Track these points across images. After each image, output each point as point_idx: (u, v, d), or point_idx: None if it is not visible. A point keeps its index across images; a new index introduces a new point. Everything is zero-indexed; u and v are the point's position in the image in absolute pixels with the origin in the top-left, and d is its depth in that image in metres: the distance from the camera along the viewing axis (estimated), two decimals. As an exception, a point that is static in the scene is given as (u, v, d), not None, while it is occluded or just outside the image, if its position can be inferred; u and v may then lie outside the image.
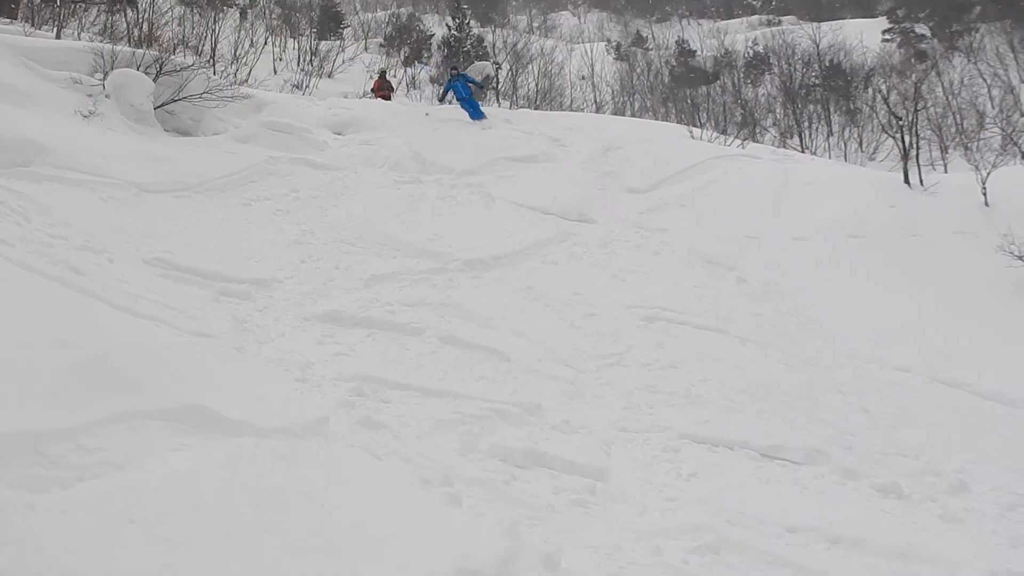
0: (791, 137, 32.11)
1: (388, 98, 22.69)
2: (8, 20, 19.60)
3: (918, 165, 14.74)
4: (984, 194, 13.09)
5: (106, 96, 13.91)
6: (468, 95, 18.58)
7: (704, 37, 53.16)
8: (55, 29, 19.14)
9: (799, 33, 43.77)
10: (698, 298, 11.33)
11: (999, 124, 26.63)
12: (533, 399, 8.12)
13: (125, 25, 19.68)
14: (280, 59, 27.84)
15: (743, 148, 18.94)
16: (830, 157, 27.85)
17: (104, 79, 14.17)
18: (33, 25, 19.43)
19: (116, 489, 4.08)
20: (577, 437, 7.64)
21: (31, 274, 7.06)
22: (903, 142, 15.44)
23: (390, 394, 7.75)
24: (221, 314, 8.64)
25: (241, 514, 4.24)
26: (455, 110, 18.91)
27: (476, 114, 18.32)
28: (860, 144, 30.75)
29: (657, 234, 13.19)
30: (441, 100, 19.80)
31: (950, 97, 29.16)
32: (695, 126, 21.88)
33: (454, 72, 19.76)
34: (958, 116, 27.72)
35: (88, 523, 3.65)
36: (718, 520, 6.40)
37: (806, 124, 33.39)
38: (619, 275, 11.87)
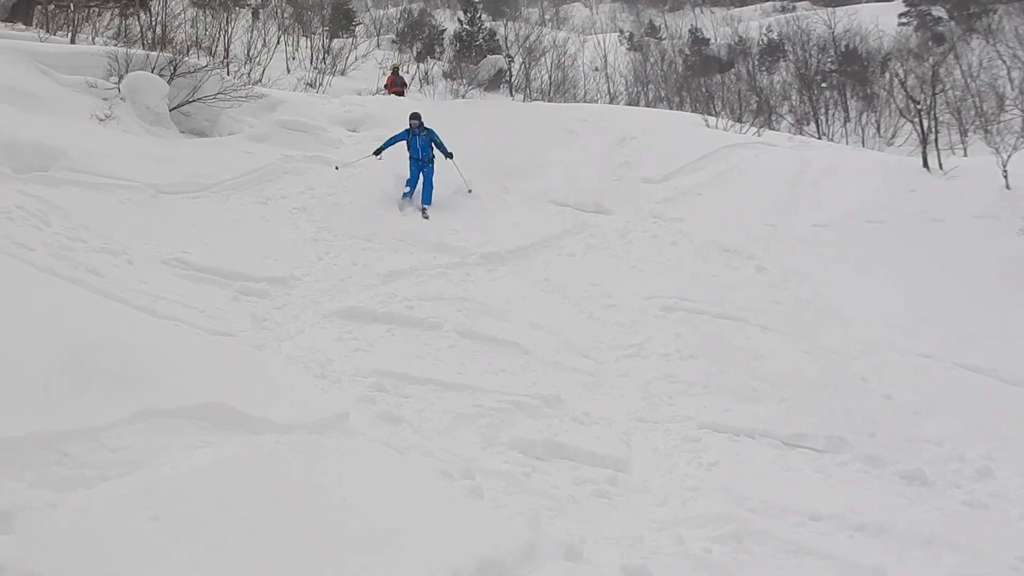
0: (807, 124, 31.88)
1: (402, 94, 22.72)
2: (23, 26, 19.72)
3: (937, 149, 14.59)
4: (1005, 177, 12.95)
5: (121, 99, 13.97)
6: (425, 158, 13.68)
7: (717, 25, 52.86)
8: (69, 34, 19.22)
9: (814, 19, 43.44)
10: (716, 287, 11.26)
11: (1019, 106, 26.38)
12: (552, 391, 8.11)
13: (138, 28, 19.78)
14: (293, 58, 27.90)
15: (759, 136, 18.83)
16: (847, 143, 27.66)
17: (119, 82, 14.23)
18: (48, 31, 19.52)
19: (139, 487, 4.12)
20: (597, 428, 7.63)
21: (52, 277, 7.11)
22: (921, 126, 15.30)
23: (410, 389, 7.77)
24: (240, 313, 8.68)
25: (262, 509, 4.26)
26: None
27: (424, 195, 13.45)
28: (878, 129, 30.53)
29: (674, 224, 13.13)
30: (378, 152, 13.90)
31: (969, 80, 28.89)
32: (710, 115, 21.75)
33: (414, 122, 13.91)
34: (977, 99, 27.44)
35: (111, 521, 3.69)
36: (740, 509, 6.39)
37: (822, 110, 33.16)
38: (637, 265, 11.83)
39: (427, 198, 13.39)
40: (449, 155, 13.68)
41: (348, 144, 15.63)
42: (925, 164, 14.38)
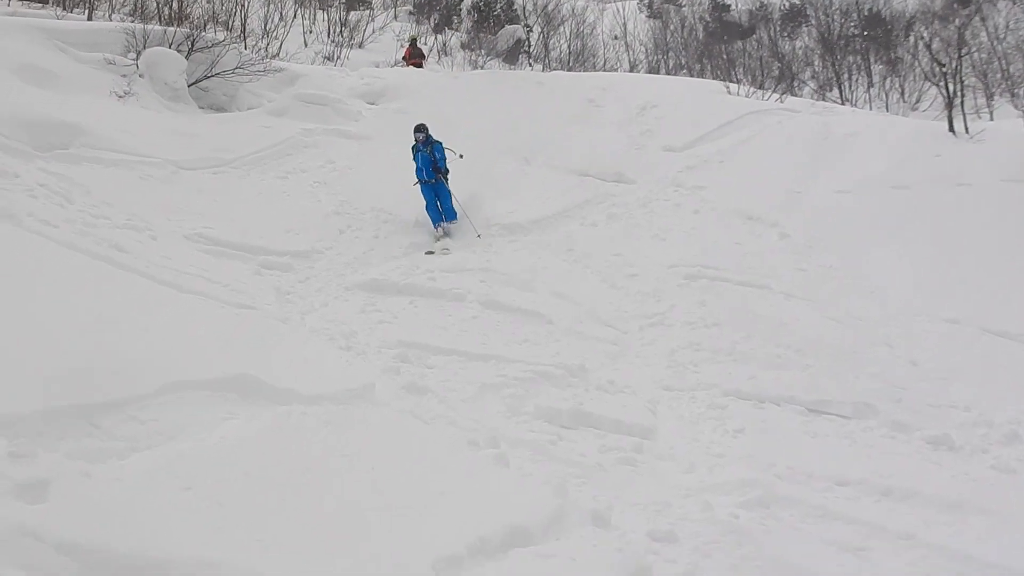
0: (830, 89, 31.47)
1: (420, 65, 22.56)
2: (40, 4, 19.74)
3: (963, 113, 14.38)
4: (1032, 139, 12.78)
5: (140, 76, 13.98)
6: (430, 176, 11.81)
7: (738, -9, 52.21)
8: (86, 11, 19.21)
9: (836, -18, 42.88)
10: (740, 255, 11.19)
11: (1046, 68, 25.91)
12: (576, 360, 8.12)
13: (155, 4, 19.74)
14: (310, 31, 27.75)
15: (781, 102, 18.58)
16: (871, 108, 27.32)
17: (137, 59, 14.25)
18: (64, 8, 19.53)
19: (169, 458, 4.16)
20: (622, 397, 7.64)
21: (76, 254, 7.17)
22: (947, 90, 15.07)
23: (434, 359, 7.80)
24: (264, 286, 8.74)
25: (291, 479, 4.30)
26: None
27: (447, 212, 11.85)
28: (902, 94, 30.08)
29: (696, 192, 13.03)
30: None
31: (995, 42, 28.38)
32: (732, 82, 21.49)
33: (419, 135, 12.01)
34: (1004, 61, 26.96)
35: (144, 491, 3.72)
36: (767, 475, 6.39)
37: (845, 76, 32.74)
38: (659, 234, 11.77)
39: (450, 211, 11.78)
40: (445, 170, 11.86)
41: (368, 117, 15.60)
42: (951, 128, 14.18)
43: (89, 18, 18.50)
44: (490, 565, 4.07)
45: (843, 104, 26.51)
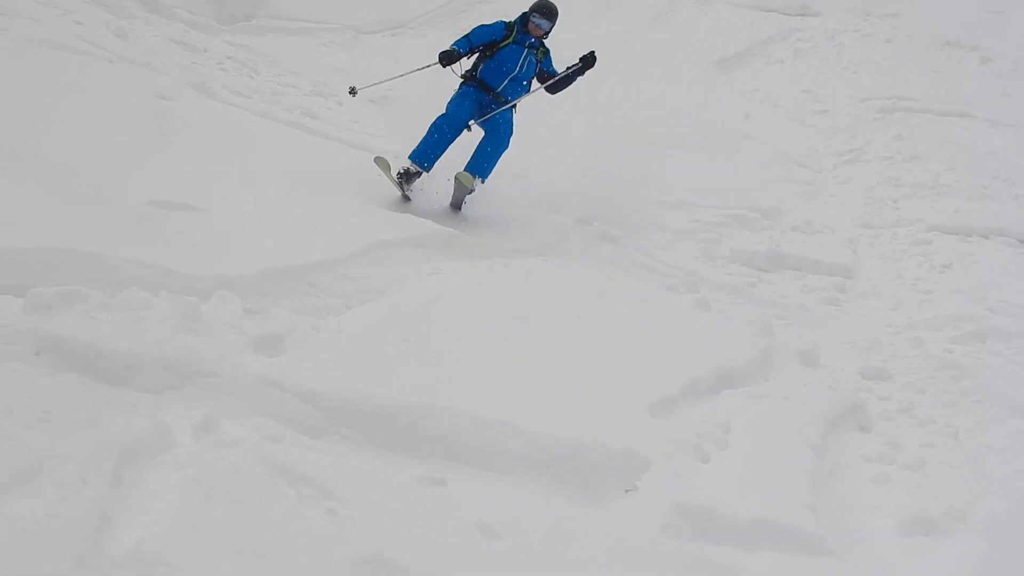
0: None
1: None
2: None
3: None
4: None
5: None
6: (511, 90, 6.91)
7: None
8: None
9: None
10: (938, 83, 10.52)
11: None
12: (770, 202, 7.95)
13: None
14: None
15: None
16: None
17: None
18: None
19: (385, 312, 4.29)
20: (820, 237, 7.46)
21: (270, 122, 7.47)
22: None
23: (623, 208, 7.76)
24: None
25: (501, 328, 4.35)
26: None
27: (479, 160, 6.71)
28: None
29: (888, 20, 12.20)
30: (449, 58, 6.68)
31: None
32: None
33: (541, 22, 6.83)
34: None
35: (368, 342, 3.87)
36: (979, 309, 6.12)
37: None
38: (849, 67, 11.16)
39: (480, 166, 6.67)
40: (565, 77, 6.94)
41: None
42: None
43: None
44: (703, 407, 4.07)
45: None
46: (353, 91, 7.14)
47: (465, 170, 6.61)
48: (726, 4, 13.21)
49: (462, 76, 6.94)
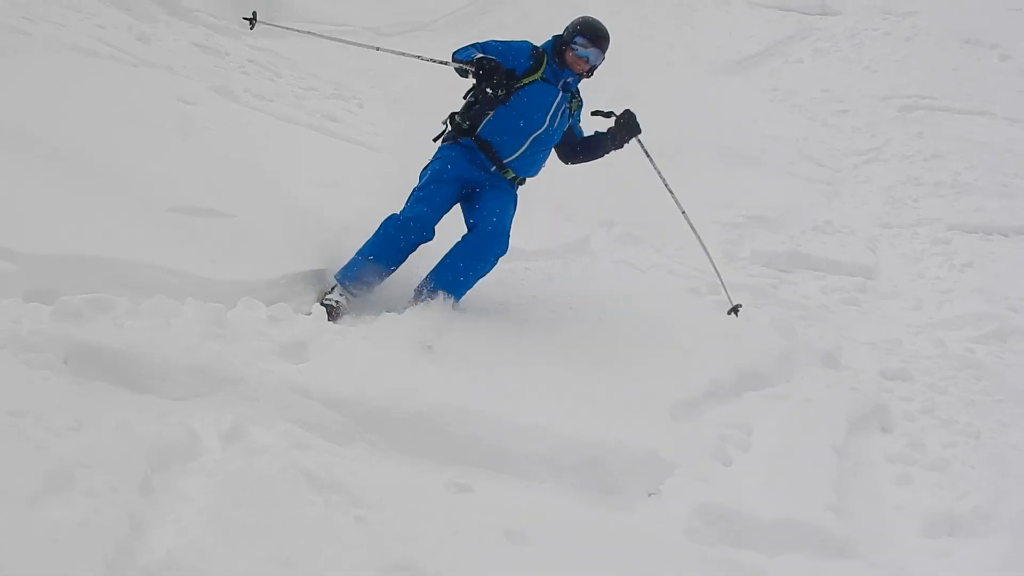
0: None
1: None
2: None
3: None
4: None
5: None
6: (532, 157, 4.60)
7: None
8: None
9: None
10: (958, 81, 10.52)
11: None
12: (790, 202, 7.96)
13: None
14: None
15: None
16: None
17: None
18: None
19: (408, 318, 4.25)
20: (840, 236, 7.46)
21: (292, 125, 7.50)
22: None
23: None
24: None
25: (523, 330, 4.37)
26: None
27: (446, 273, 4.40)
28: None
29: (907, 18, 12.22)
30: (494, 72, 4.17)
31: None
32: None
33: (593, 54, 4.43)
34: None
35: (391, 349, 3.81)
36: (1000, 308, 6.13)
37: None
38: (869, 66, 11.18)
39: (452, 280, 4.43)
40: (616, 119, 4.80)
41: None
42: None
43: None
44: (725, 409, 4.07)
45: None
46: (252, 21, 5.21)
47: (430, 280, 4.38)
48: (746, 3, 13.20)
49: (449, 130, 4.65)
